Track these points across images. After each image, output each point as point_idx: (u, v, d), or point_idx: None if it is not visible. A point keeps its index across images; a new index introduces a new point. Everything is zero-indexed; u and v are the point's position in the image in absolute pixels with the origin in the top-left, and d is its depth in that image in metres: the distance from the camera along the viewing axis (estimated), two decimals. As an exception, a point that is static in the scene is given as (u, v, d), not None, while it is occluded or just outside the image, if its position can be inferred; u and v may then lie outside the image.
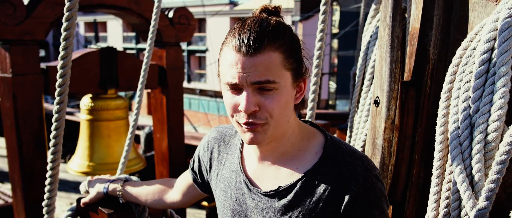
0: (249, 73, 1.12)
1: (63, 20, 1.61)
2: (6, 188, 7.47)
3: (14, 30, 2.87)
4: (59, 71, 1.66)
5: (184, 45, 31.16)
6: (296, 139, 1.30)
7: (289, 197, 1.24)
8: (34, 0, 2.99)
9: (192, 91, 28.27)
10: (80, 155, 3.49)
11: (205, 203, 5.22)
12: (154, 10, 2.22)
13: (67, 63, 1.63)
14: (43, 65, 3.12)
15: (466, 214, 1.24)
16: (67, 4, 1.59)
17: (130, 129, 2.21)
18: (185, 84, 30.95)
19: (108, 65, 3.45)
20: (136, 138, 9.90)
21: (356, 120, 1.99)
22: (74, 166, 3.49)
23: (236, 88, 1.16)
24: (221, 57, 1.20)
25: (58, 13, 3.09)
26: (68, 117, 10.91)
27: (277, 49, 1.14)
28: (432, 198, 1.35)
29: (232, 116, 1.20)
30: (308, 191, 1.22)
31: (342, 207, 1.19)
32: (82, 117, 3.51)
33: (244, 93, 1.14)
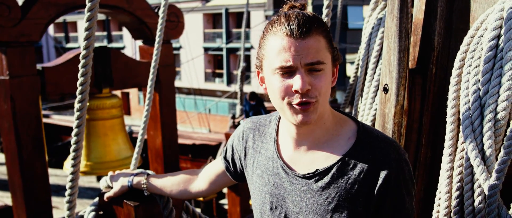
0: (303, 55, 1.23)
1: (85, 20, 1.66)
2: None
3: (10, 32, 2.87)
4: (81, 70, 1.71)
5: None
6: (330, 124, 1.39)
7: (326, 179, 1.34)
8: (29, 1, 2.99)
9: (178, 89, 28.13)
10: (77, 154, 3.51)
11: (200, 198, 5.29)
12: (161, 9, 2.27)
13: (89, 62, 1.68)
14: (39, 66, 3.12)
15: (479, 186, 1.36)
16: (88, 4, 1.64)
17: (142, 125, 2.26)
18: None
19: (102, 64, 3.47)
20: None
21: (361, 107, 2.10)
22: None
23: (288, 72, 1.25)
24: (267, 46, 1.29)
25: (53, 14, 3.10)
26: (45, 120, 10.74)
27: (322, 33, 1.27)
28: (444, 174, 1.47)
29: (283, 99, 1.28)
30: (344, 174, 1.32)
31: (376, 189, 1.29)
32: (77, 116, 3.52)
33: (298, 75, 1.23)
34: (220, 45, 29.97)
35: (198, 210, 6.41)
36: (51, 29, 38.60)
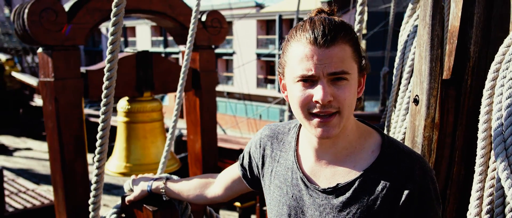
0: (326, 64, 1.17)
1: (110, 25, 1.68)
2: (42, 189, 7.72)
3: (56, 36, 2.99)
4: (106, 74, 1.73)
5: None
6: (354, 136, 1.33)
7: (348, 194, 1.27)
8: (74, 7, 3.10)
9: (220, 94, 28.55)
10: (117, 156, 3.60)
11: (237, 204, 5.27)
12: (193, 14, 2.28)
13: (113, 66, 1.71)
14: (82, 69, 3.23)
15: (511, 211, 1.24)
16: (114, 9, 1.66)
17: (170, 129, 2.27)
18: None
19: (144, 68, 3.55)
20: (167, 140, 10.08)
21: (394, 119, 2.00)
22: (112, 167, 3.60)
23: (310, 81, 1.20)
24: (290, 53, 1.25)
25: (97, 19, 3.20)
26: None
27: (348, 42, 1.21)
28: (474, 195, 1.35)
29: (303, 109, 1.23)
30: (367, 189, 1.25)
31: (399, 206, 1.22)
32: (119, 119, 3.62)
33: (320, 85, 1.18)
34: (272, 51, 30.06)
35: (236, 215, 6.38)
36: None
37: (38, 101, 13.15)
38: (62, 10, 3.02)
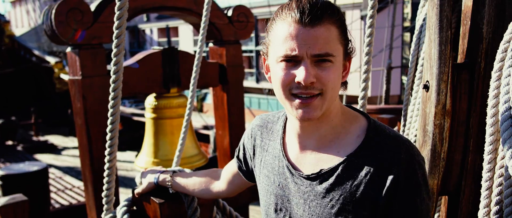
0: (310, 45, 1.13)
1: (115, 18, 1.69)
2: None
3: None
4: (113, 68, 1.75)
5: (253, 45, 31.54)
6: (338, 121, 1.28)
7: (331, 180, 1.23)
8: (100, 6, 3.17)
9: (260, 90, 28.60)
10: (146, 152, 3.65)
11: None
12: (205, 7, 2.27)
13: (120, 60, 1.72)
14: (109, 67, 3.29)
15: (521, 202, 1.14)
16: (118, 3, 1.67)
17: (184, 123, 2.27)
18: (252, 83, 31.27)
19: (170, 65, 3.58)
20: (206, 138, 10.18)
21: (410, 108, 1.90)
22: (141, 163, 3.66)
23: (292, 61, 1.17)
24: (274, 32, 1.21)
25: (122, 17, 3.25)
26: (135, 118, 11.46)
27: (335, 23, 1.16)
28: (484, 185, 1.26)
29: (284, 90, 1.20)
30: (350, 175, 1.20)
31: (383, 192, 1.15)
32: (147, 115, 3.67)
33: (303, 66, 1.14)
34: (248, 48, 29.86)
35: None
36: (155, 34, 41.27)
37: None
38: (88, 10, 3.09)
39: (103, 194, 1.92)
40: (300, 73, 1.14)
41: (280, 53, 1.17)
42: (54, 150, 12.60)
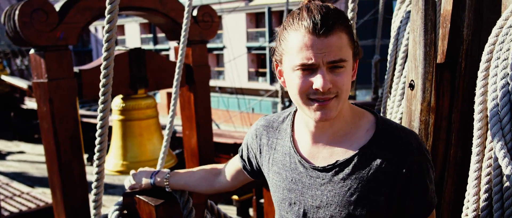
0: (325, 53, 1.20)
1: (105, 22, 1.68)
2: (37, 192, 7.69)
3: (48, 36, 2.97)
4: (103, 72, 1.73)
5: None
6: (349, 117, 1.37)
7: (347, 170, 1.31)
8: (65, 6, 3.08)
9: (212, 88, 28.49)
10: (113, 154, 3.59)
11: (235, 197, 5.29)
12: (186, 9, 2.28)
13: (110, 64, 1.71)
14: (76, 69, 3.21)
15: (509, 188, 1.27)
16: (108, 7, 1.66)
17: (168, 125, 2.28)
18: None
19: (137, 65, 3.54)
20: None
21: (389, 104, 2.02)
22: (109, 166, 3.59)
23: (309, 69, 1.23)
24: (288, 42, 1.26)
25: (89, 18, 3.18)
26: (93, 121, 11.16)
27: (344, 29, 1.24)
28: (472, 175, 1.38)
29: (302, 95, 1.26)
30: (366, 164, 1.29)
31: (400, 178, 1.26)
32: (114, 117, 3.61)
33: (320, 73, 1.21)
34: (263, 44, 30.03)
35: (234, 208, 6.42)
36: (100, 32, 40.03)
37: (29, 104, 13.04)
38: (53, 10, 3.00)
39: (91, 199, 1.90)
40: (317, 81, 1.21)
41: (296, 62, 1.24)
42: (-2, 155, 11.98)
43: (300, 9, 1.27)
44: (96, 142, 1.83)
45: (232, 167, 1.76)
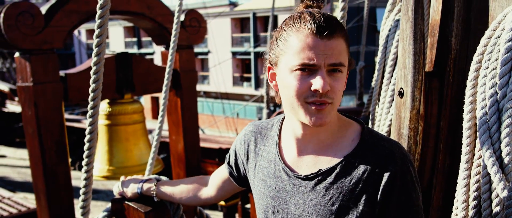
0: (327, 55, 1.21)
1: (95, 27, 1.67)
2: (18, 197, 7.54)
3: (33, 40, 2.93)
4: (92, 77, 1.72)
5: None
6: (335, 126, 1.37)
7: (330, 179, 1.31)
8: (52, 10, 3.05)
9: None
10: (99, 159, 3.55)
11: (222, 203, 5.27)
12: (176, 14, 2.27)
13: (100, 69, 1.69)
14: (62, 73, 3.17)
15: (497, 196, 1.29)
16: (99, 11, 1.65)
17: (157, 130, 2.26)
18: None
19: (124, 70, 3.51)
20: (145, 142, 9.97)
21: (378, 112, 2.04)
22: (95, 171, 3.55)
23: (309, 70, 1.23)
24: (288, 43, 1.26)
25: (75, 21, 3.15)
26: (76, 124, 11.02)
27: (343, 37, 1.26)
28: (461, 182, 1.40)
29: (299, 97, 1.26)
30: (348, 173, 1.30)
31: (381, 188, 1.26)
32: (100, 122, 3.57)
33: (320, 74, 1.22)
34: (247, 49, 30.06)
35: (220, 214, 6.39)
36: (83, 35, 39.62)
37: (10, 107, 12.81)
38: (39, 14, 2.96)
39: (79, 205, 1.87)
40: (317, 82, 1.22)
41: (295, 62, 1.24)
42: (-22, 159, 11.74)
43: (300, 13, 1.28)
44: (85, 147, 1.81)
45: (218, 177, 1.74)
